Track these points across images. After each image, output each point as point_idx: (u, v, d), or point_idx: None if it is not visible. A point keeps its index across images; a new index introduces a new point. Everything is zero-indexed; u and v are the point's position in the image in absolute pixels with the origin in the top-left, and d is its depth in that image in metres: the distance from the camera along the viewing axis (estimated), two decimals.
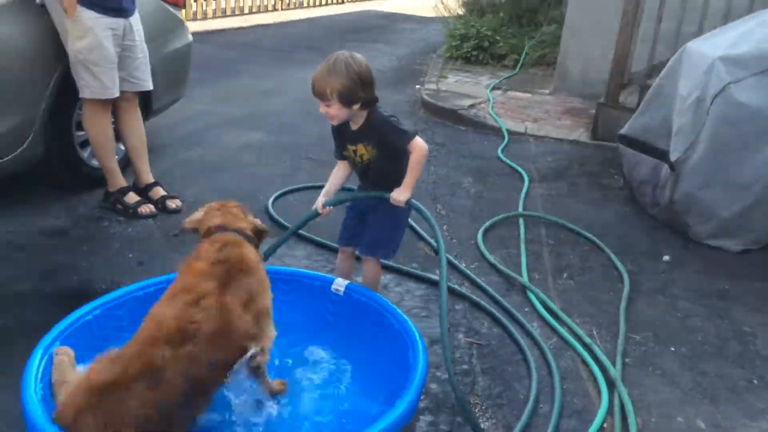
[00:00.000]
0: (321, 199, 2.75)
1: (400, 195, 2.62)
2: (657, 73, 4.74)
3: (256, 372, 2.24)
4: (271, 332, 2.25)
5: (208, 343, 1.96)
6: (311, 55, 9.08)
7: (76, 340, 2.35)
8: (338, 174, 2.81)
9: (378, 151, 2.63)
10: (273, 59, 8.58)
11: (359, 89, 2.48)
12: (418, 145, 2.57)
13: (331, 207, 2.76)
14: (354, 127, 2.62)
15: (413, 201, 2.64)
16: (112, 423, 1.84)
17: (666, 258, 3.73)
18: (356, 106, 2.51)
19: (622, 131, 4.51)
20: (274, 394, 2.34)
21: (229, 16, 11.36)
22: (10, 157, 3.52)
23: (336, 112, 2.52)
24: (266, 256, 2.68)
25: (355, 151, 2.68)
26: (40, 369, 2.18)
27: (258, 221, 2.40)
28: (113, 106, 3.77)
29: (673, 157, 3.88)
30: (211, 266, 2.09)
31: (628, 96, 5.90)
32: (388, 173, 2.67)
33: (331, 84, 2.45)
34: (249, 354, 2.12)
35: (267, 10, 12.39)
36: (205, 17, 10.76)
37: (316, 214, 2.76)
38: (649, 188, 4.24)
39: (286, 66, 8.24)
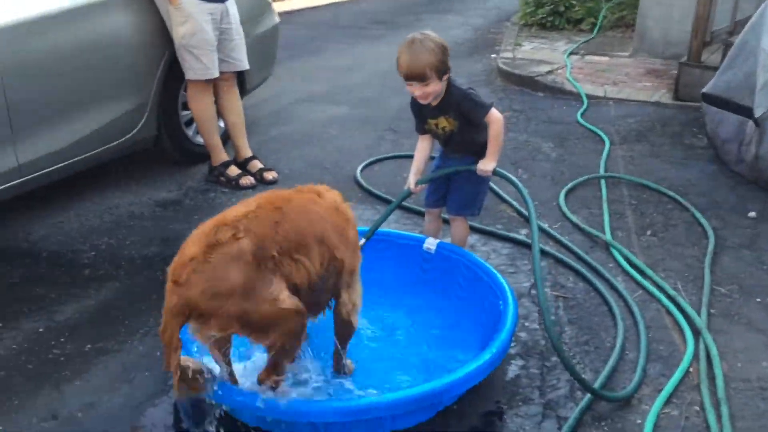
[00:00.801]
0: (412, 178, 2.92)
1: (486, 165, 2.77)
2: (740, 29, 4.67)
3: (339, 339, 2.40)
4: (359, 288, 2.40)
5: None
6: (385, 29, 9.26)
7: None
8: (422, 149, 2.97)
9: (459, 122, 2.79)
10: (349, 36, 8.81)
11: (446, 59, 2.64)
12: (495, 116, 2.73)
13: (424, 185, 2.95)
14: (434, 102, 2.76)
15: (498, 169, 2.80)
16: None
17: (752, 214, 3.74)
18: (446, 76, 2.68)
19: (705, 89, 4.48)
20: (343, 374, 2.46)
21: None
22: (127, 136, 3.91)
23: (434, 88, 2.65)
24: (369, 234, 2.87)
25: (436, 124, 2.84)
26: None
27: None
28: (214, 86, 4.09)
29: (757, 113, 3.87)
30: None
31: (711, 55, 5.79)
32: (470, 140, 2.84)
33: (427, 62, 2.59)
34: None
35: None
36: None
37: (410, 193, 2.95)
38: (733, 146, 4.22)
39: (362, 42, 8.46)
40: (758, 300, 2.98)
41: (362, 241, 2.79)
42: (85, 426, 2.25)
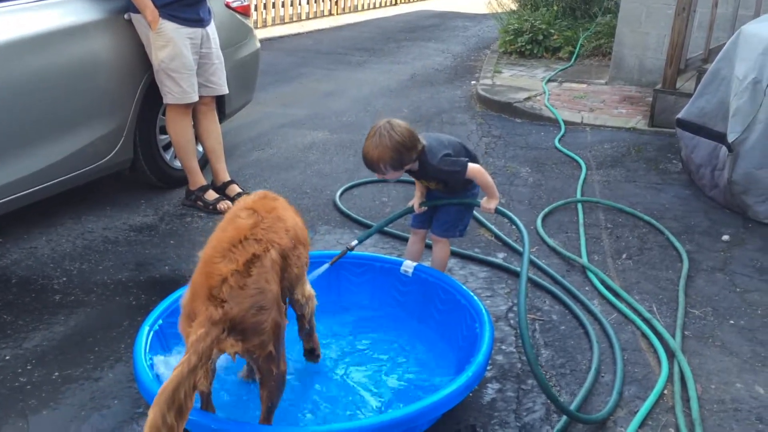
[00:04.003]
0: (416, 201, 3.01)
1: (489, 204, 2.90)
2: (713, 57, 4.77)
3: (307, 327, 2.45)
4: (309, 287, 2.41)
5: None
6: (367, 56, 9.35)
7: (175, 318, 2.61)
8: (420, 186, 3.05)
9: (442, 184, 2.92)
10: (331, 62, 8.88)
11: (406, 154, 2.68)
12: (474, 171, 2.81)
13: (425, 208, 3.02)
14: (413, 170, 2.84)
15: (500, 208, 2.93)
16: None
17: (725, 237, 3.79)
18: (408, 166, 2.75)
19: (680, 115, 4.56)
20: (315, 355, 2.54)
21: (287, 23, 11.74)
22: (104, 160, 3.88)
23: (391, 177, 2.78)
24: (360, 241, 2.96)
25: (426, 185, 2.98)
26: (148, 342, 2.45)
27: None
28: (193, 110, 4.08)
29: (730, 139, 3.94)
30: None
31: (685, 82, 5.90)
32: (455, 191, 2.96)
33: (380, 158, 2.66)
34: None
35: (323, 16, 12.73)
36: (265, 25, 11.16)
37: (412, 211, 3.03)
38: (707, 171, 4.29)
39: (343, 68, 8.53)
40: (731, 322, 3.00)
41: (355, 243, 2.93)
42: None
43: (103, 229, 3.85)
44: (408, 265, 2.99)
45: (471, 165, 2.81)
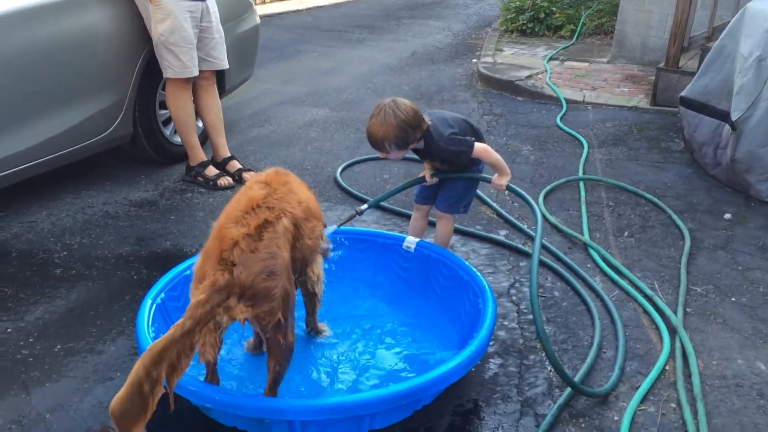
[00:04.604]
0: (427, 172, 2.97)
1: (501, 180, 2.86)
2: (717, 35, 4.73)
3: (310, 303, 2.48)
4: (321, 260, 2.43)
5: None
6: (367, 33, 9.27)
7: (177, 292, 2.62)
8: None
9: (447, 164, 2.90)
10: (330, 39, 8.80)
11: (411, 133, 2.65)
12: (480, 150, 2.78)
13: (436, 180, 2.99)
14: (419, 148, 2.81)
15: (512, 185, 2.87)
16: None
17: (727, 216, 3.78)
18: (413, 145, 2.73)
19: (683, 93, 4.53)
20: (318, 335, 2.59)
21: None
22: (103, 135, 3.85)
23: (395, 156, 2.75)
24: (369, 206, 3.02)
25: (430, 164, 2.95)
26: (151, 315, 2.44)
27: None
28: (193, 85, 4.04)
29: (734, 117, 3.91)
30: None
31: (688, 60, 5.86)
32: (460, 169, 2.93)
33: (385, 137, 2.63)
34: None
35: None
36: (263, 2, 11.05)
37: (423, 180, 3.01)
38: (710, 149, 4.27)
39: (343, 45, 8.46)
40: (733, 299, 3.01)
41: (365, 207, 2.99)
42: (54, 427, 2.19)
43: (103, 204, 3.83)
44: (410, 242, 2.98)
45: (477, 144, 2.78)
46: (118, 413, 1.65)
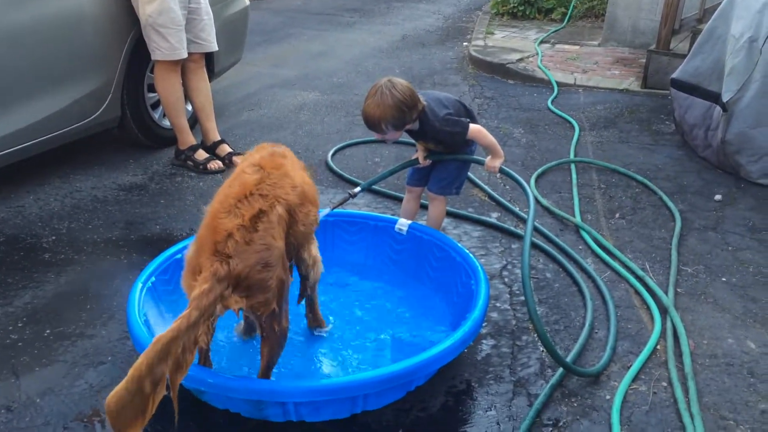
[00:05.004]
0: (421, 153, 2.96)
1: (494, 162, 2.85)
2: (708, 17, 4.72)
3: (308, 293, 2.43)
4: (317, 250, 2.37)
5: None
6: (357, 17, 9.19)
7: (168, 276, 2.60)
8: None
9: (441, 145, 2.88)
10: (320, 23, 8.72)
11: (407, 113, 2.63)
12: (474, 132, 2.77)
13: (429, 161, 2.98)
14: (413, 129, 2.79)
15: (504, 168, 2.85)
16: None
17: (718, 197, 3.80)
18: (409, 126, 2.70)
19: (674, 75, 4.53)
20: (317, 327, 2.54)
21: None
22: (91, 118, 3.80)
23: (391, 137, 2.72)
24: (362, 189, 3.01)
25: (424, 145, 2.93)
26: (141, 298, 2.43)
27: None
28: (182, 67, 3.99)
29: (725, 98, 3.91)
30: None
31: (679, 43, 5.85)
32: (454, 150, 2.92)
33: (382, 117, 2.60)
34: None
35: None
36: None
37: (416, 162, 2.99)
38: (700, 131, 4.28)
39: (333, 29, 8.38)
40: (723, 279, 3.02)
41: (358, 189, 2.99)
42: (45, 411, 2.18)
43: (91, 189, 3.79)
44: (402, 224, 2.97)
45: (472, 126, 2.77)
46: (114, 410, 1.61)
